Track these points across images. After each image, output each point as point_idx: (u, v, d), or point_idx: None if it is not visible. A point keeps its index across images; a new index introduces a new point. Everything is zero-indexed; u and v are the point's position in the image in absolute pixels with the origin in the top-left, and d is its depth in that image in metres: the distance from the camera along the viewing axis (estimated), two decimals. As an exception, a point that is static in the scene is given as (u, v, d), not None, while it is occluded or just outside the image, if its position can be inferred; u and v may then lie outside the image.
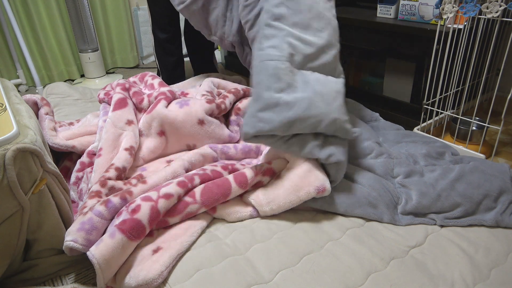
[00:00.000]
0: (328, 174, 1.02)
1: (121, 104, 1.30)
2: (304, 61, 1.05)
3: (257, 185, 1.04)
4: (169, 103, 1.31)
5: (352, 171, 1.08)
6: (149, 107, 1.32)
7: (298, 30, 1.06)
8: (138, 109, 1.35)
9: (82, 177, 1.15)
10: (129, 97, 1.37)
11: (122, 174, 1.10)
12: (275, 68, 0.99)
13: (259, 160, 1.22)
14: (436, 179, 1.06)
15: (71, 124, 1.41)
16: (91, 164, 1.17)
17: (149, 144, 1.25)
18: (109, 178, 1.05)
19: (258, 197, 0.99)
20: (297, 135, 1.01)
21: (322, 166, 1.03)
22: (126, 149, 1.16)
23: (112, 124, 1.22)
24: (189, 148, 1.29)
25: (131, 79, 1.54)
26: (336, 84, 1.07)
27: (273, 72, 0.99)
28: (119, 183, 1.05)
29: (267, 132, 0.97)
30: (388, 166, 1.11)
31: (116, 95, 1.33)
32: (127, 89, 1.40)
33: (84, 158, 1.19)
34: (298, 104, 0.97)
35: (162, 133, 1.25)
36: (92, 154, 1.20)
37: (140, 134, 1.27)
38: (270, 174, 1.05)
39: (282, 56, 1.01)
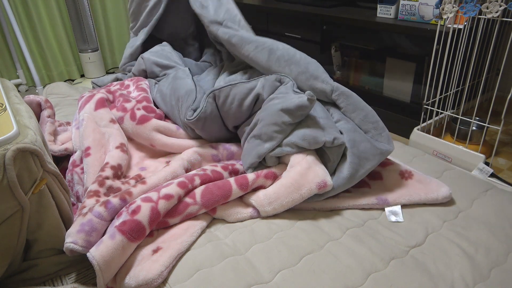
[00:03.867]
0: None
1: (102, 103, 1.28)
2: None
3: (259, 188, 1.03)
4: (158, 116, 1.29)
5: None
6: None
7: None
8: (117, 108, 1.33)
9: (72, 180, 1.15)
10: (111, 100, 1.35)
11: (119, 171, 1.10)
12: None
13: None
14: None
15: (68, 123, 1.41)
16: (76, 165, 1.17)
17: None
18: (107, 177, 1.04)
19: (259, 198, 0.99)
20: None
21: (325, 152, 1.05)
22: (117, 147, 1.16)
23: (96, 124, 1.21)
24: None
25: (126, 82, 1.53)
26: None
27: None
28: (117, 183, 1.05)
29: None
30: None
31: (98, 95, 1.31)
32: (111, 92, 1.39)
33: (71, 160, 1.19)
34: None
35: (151, 145, 1.25)
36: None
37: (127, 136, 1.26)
38: (272, 177, 1.04)
39: None
